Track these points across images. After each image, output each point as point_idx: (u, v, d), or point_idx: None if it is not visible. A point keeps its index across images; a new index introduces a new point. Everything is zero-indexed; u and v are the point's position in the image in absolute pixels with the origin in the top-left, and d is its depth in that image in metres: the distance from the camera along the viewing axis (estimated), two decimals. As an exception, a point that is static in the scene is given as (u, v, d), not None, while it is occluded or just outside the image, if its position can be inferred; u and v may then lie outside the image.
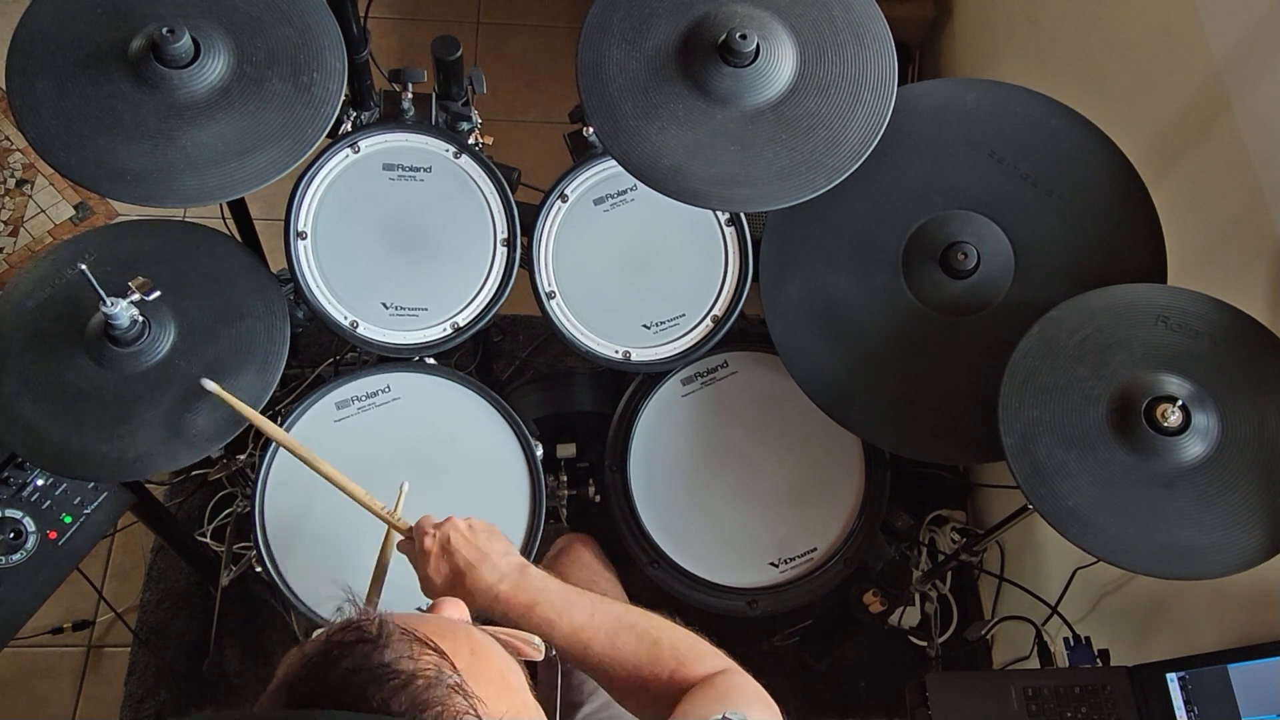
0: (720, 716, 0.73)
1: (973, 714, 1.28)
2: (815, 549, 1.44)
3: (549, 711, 1.20)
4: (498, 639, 0.59)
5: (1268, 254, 1.22)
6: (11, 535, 1.32)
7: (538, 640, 1.00)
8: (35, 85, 1.10)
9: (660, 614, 0.93)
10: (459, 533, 0.98)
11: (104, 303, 1.10)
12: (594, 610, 0.91)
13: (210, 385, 1.16)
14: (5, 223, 2.30)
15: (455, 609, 0.64)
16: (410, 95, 1.43)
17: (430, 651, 0.50)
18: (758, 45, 1.13)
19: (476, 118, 1.49)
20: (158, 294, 1.15)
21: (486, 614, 0.96)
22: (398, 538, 1.05)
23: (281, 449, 1.34)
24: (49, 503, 1.35)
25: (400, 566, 1.04)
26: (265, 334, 1.24)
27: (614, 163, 1.39)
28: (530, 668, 1.40)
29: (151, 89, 1.11)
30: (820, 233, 1.34)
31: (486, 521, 1.01)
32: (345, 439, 1.36)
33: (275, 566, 1.30)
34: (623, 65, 1.15)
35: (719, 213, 1.43)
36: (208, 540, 1.93)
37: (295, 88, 1.15)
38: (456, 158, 1.39)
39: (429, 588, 0.98)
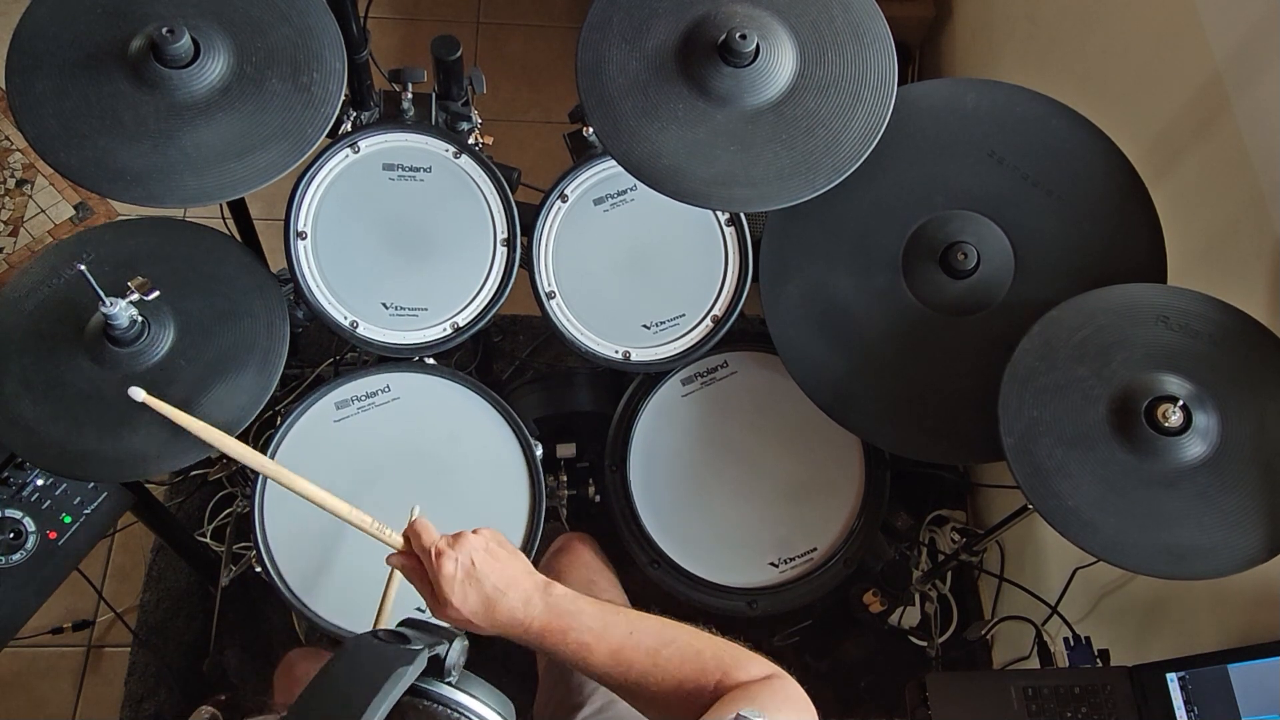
0: (734, 715, 0.71)
1: (973, 714, 1.28)
2: (815, 549, 1.44)
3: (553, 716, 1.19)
4: None
5: (1268, 254, 1.22)
6: (11, 535, 1.32)
7: None
8: (35, 85, 1.10)
9: (693, 623, 0.88)
10: (480, 553, 0.88)
11: (103, 303, 1.10)
12: (632, 628, 0.85)
13: (139, 395, 1.01)
14: (5, 223, 2.30)
15: None
16: (410, 95, 1.42)
17: None
18: (758, 45, 1.13)
19: (476, 118, 1.49)
20: (157, 294, 1.14)
21: (515, 640, 0.88)
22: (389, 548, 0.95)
23: (279, 453, 1.34)
24: (49, 503, 1.35)
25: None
26: (265, 334, 1.24)
27: (614, 163, 1.39)
28: (531, 668, 1.40)
29: (151, 89, 1.11)
30: (820, 233, 1.34)
31: (497, 532, 0.92)
32: (345, 439, 1.36)
33: (275, 566, 1.30)
34: (623, 65, 1.15)
35: (719, 213, 1.43)
36: (208, 540, 1.93)
37: (295, 88, 1.15)
38: (456, 158, 1.39)
39: (450, 617, 0.88)
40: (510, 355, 2.17)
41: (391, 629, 0.61)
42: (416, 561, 0.92)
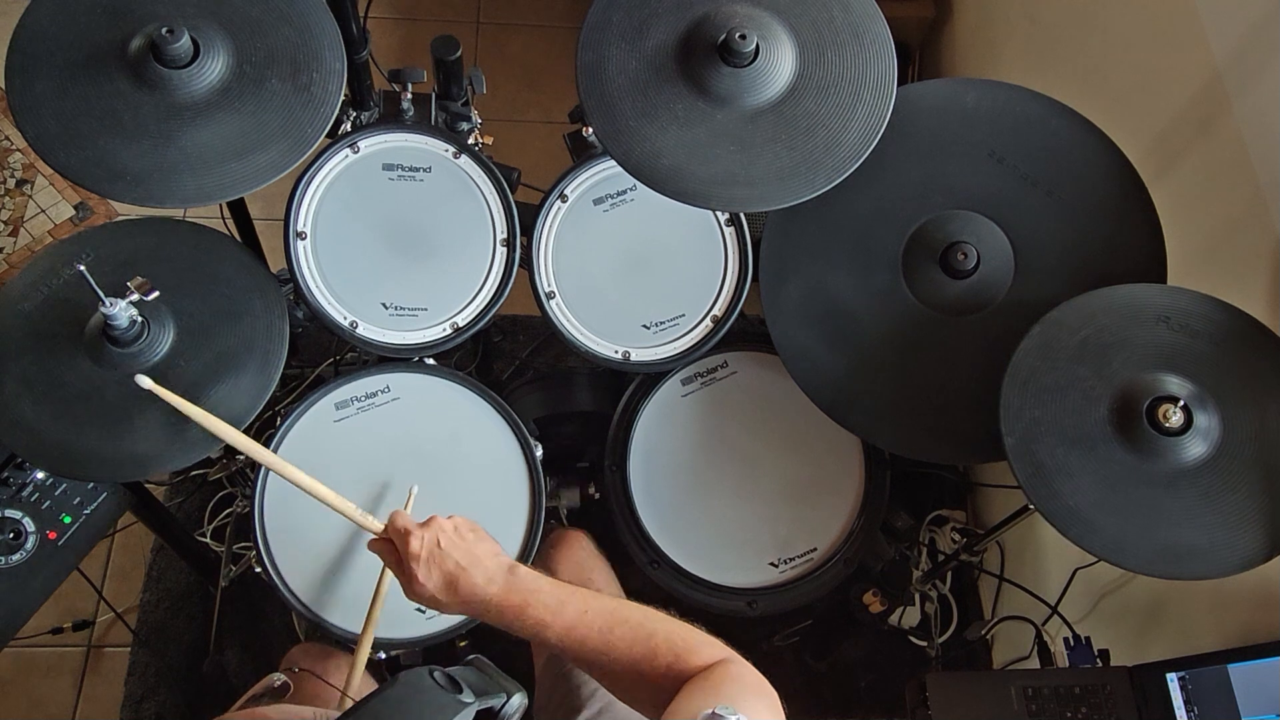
0: (710, 712, 0.72)
1: (973, 714, 1.28)
2: (815, 549, 1.44)
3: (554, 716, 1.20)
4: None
5: (1268, 254, 1.22)
6: (11, 535, 1.32)
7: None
8: (35, 85, 1.10)
9: (659, 609, 0.92)
10: (447, 534, 0.95)
11: (103, 303, 1.10)
12: (587, 607, 0.90)
13: (146, 383, 1.10)
14: (5, 223, 2.30)
15: None
16: (410, 95, 1.43)
17: None
18: (757, 45, 1.13)
19: (476, 118, 1.49)
20: (157, 294, 1.14)
21: (478, 618, 0.95)
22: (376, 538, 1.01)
23: (280, 453, 1.34)
24: (49, 503, 1.35)
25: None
26: (265, 334, 1.24)
27: (614, 163, 1.39)
28: (530, 672, 1.40)
29: (151, 89, 1.11)
30: (820, 233, 1.34)
31: (469, 520, 0.99)
32: (345, 439, 1.36)
33: (275, 566, 1.30)
34: (623, 65, 1.15)
35: (719, 213, 1.43)
36: (208, 540, 1.93)
37: (295, 88, 1.15)
38: (456, 158, 1.39)
39: (418, 594, 0.95)
40: (510, 355, 2.17)
41: (451, 671, 0.61)
42: (392, 545, 0.98)
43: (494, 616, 0.92)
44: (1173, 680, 1.21)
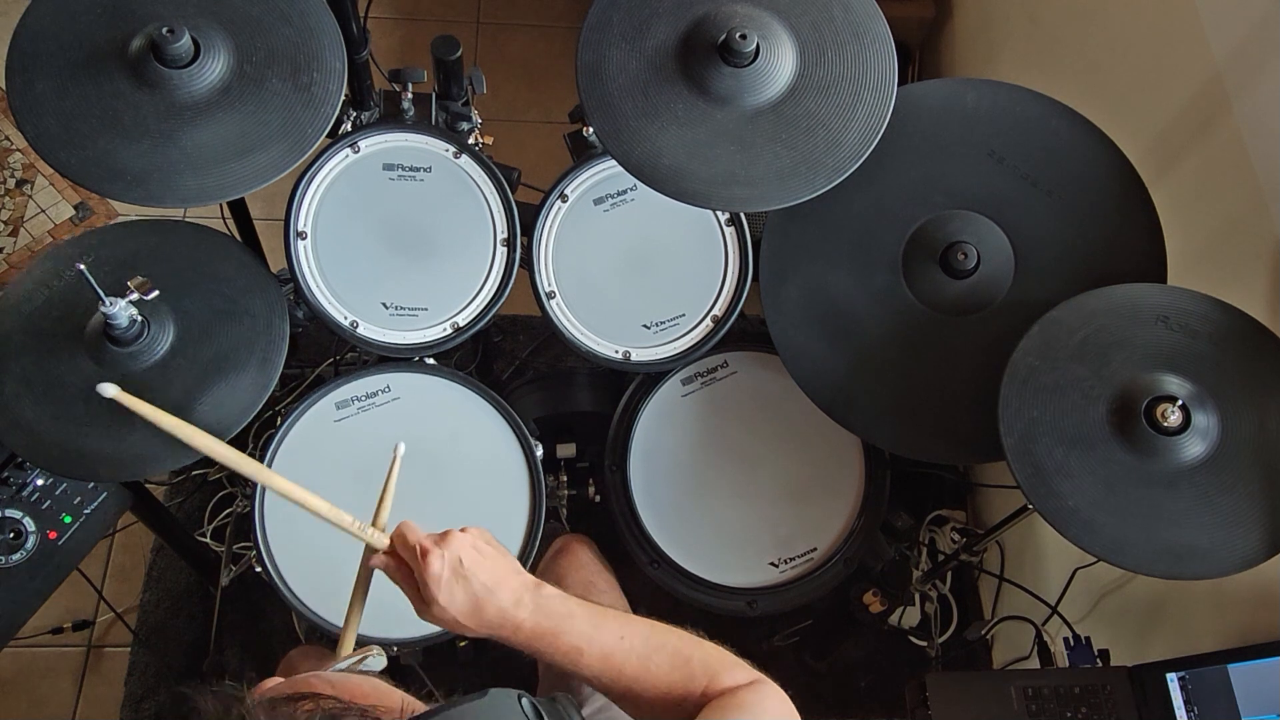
0: None
1: (973, 714, 1.28)
2: (815, 549, 1.44)
3: None
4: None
5: (1268, 254, 1.22)
6: (11, 535, 1.32)
7: (377, 652, 0.93)
8: (35, 85, 1.10)
9: (683, 627, 0.88)
10: (468, 551, 0.86)
11: (103, 303, 1.10)
12: (623, 632, 0.85)
13: (110, 390, 1.04)
14: (5, 223, 2.30)
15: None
16: (410, 95, 1.42)
17: (303, 700, 0.55)
18: (758, 45, 1.13)
19: (476, 118, 1.49)
20: (157, 294, 1.14)
21: (503, 641, 0.87)
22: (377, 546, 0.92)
23: (280, 453, 1.34)
24: (49, 503, 1.35)
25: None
26: (265, 334, 1.24)
27: (614, 163, 1.39)
28: (531, 667, 1.40)
29: (151, 89, 1.11)
30: (820, 233, 1.34)
31: (484, 530, 0.91)
32: (345, 439, 1.36)
33: (275, 566, 1.30)
34: (623, 65, 1.15)
35: (719, 213, 1.43)
36: (208, 540, 1.93)
37: (295, 88, 1.15)
38: (456, 158, 1.39)
39: (437, 618, 0.86)
40: (510, 355, 2.17)
41: (538, 703, 0.59)
42: (401, 561, 0.90)
43: (522, 641, 0.86)
44: (1173, 680, 1.21)
